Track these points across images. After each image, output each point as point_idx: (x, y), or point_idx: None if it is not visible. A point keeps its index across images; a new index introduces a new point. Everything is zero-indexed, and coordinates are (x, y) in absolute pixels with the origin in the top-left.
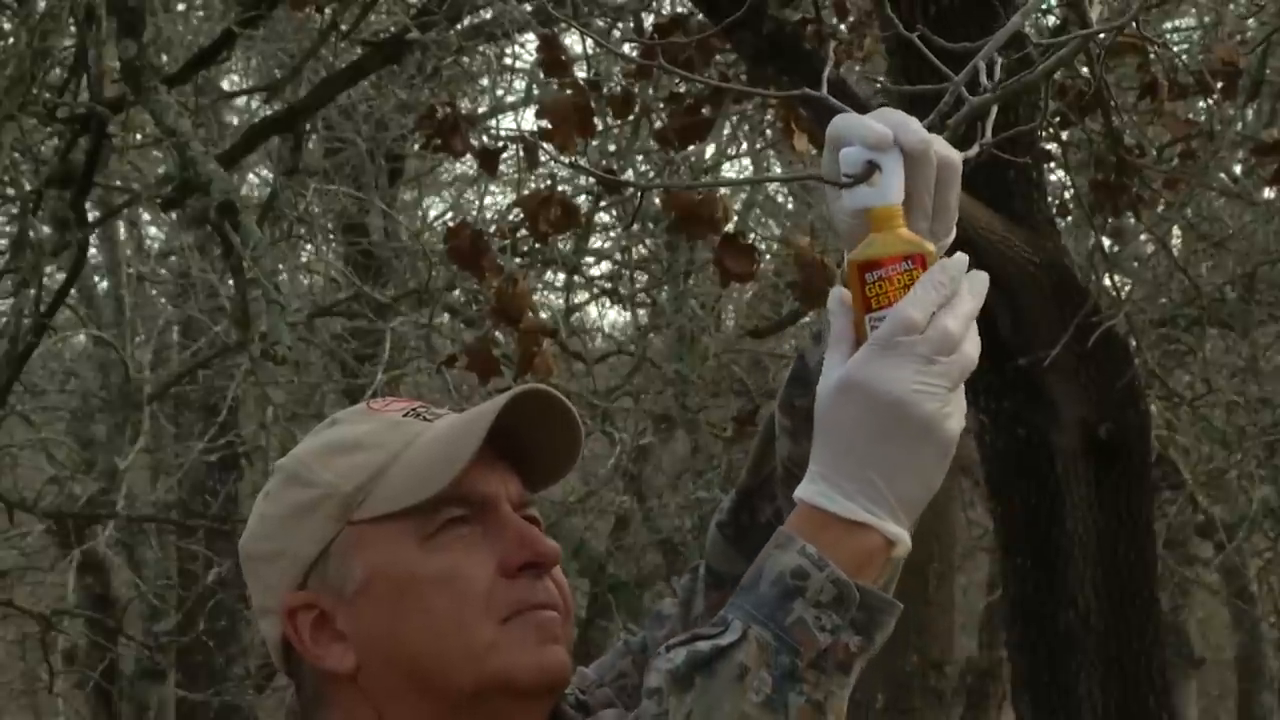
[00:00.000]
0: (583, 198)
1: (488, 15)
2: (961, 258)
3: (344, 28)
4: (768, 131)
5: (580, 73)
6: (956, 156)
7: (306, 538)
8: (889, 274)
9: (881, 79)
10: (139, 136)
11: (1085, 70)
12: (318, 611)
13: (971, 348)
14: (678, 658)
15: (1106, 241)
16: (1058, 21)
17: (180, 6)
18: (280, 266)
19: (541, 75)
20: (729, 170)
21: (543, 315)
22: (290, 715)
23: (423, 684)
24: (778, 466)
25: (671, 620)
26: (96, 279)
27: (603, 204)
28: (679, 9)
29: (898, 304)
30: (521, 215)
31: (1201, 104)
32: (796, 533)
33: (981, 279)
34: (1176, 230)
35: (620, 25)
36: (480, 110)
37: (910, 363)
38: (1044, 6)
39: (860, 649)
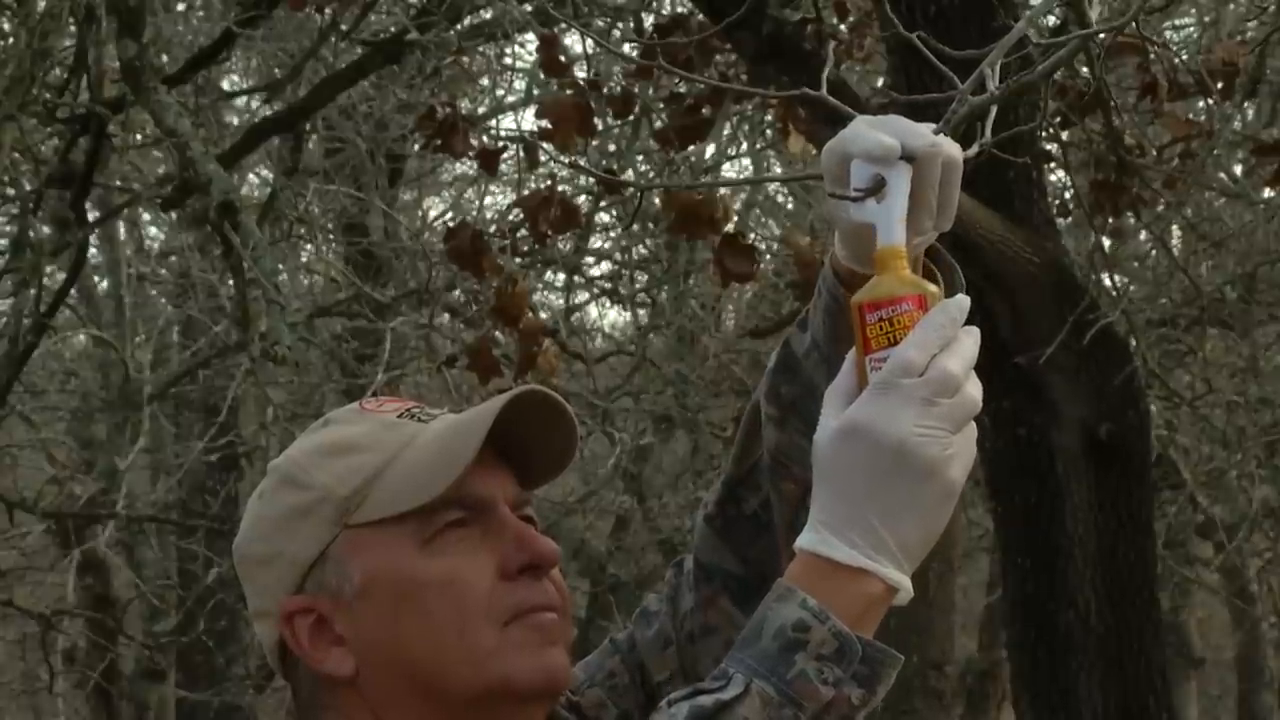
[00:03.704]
0: (583, 198)
1: (488, 15)
2: (963, 300)
3: (344, 28)
4: (768, 131)
5: (580, 73)
6: (959, 153)
7: (303, 541)
8: (890, 315)
9: (882, 80)
10: (139, 136)
11: (1085, 70)
12: (316, 615)
13: (974, 389)
14: (680, 713)
15: (1106, 241)
16: (1058, 21)
17: (180, 6)
18: (280, 266)
19: (541, 75)
20: (729, 170)
21: (543, 315)
22: (289, 717)
23: (423, 688)
24: (764, 456)
25: (659, 617)
26: (96, 279)
27: (603, 204)
28: (679, 9)
29: (898, 346)
30: (521, 215)
31: (1201, 104)
32: (797, 583)
33: (971, 329)
34: (1176, 230)
35: (620, 25)
36: (480, 110)
37: (911, 405)
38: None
39: (863, 701)
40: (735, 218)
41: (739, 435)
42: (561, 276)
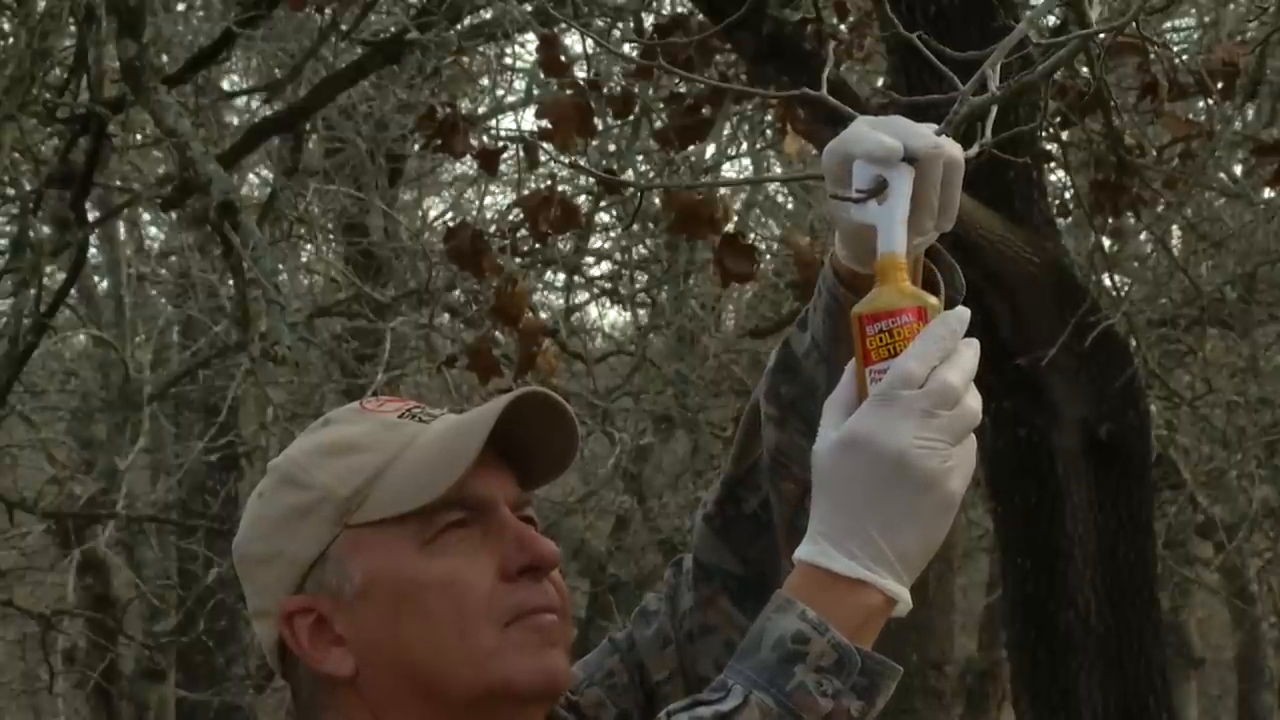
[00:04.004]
0: (583, 198)
1: (488, 15)
2: (963, 312)
3: (344, 28)
4: (768, 131)
5: (580, 73)
6: (960, 154)
7: (303, 541)
8: (890, 327)
9: (882, 80)
10: (139, 136)
11: (1085, 70)
12: (316, 615)
13: (974, 401)
14: None
15: (1106, 241)
16: (1058, 21)
17: (180, 6)
18: (280, 266)
19: (541, 75)
20: (729, 170)
21: (543, 315)
22: (288, 716)
23: (423, 689)
24: (763, 455)
25: (659, 616)
26: (96, 279)
27: (603, 204)
28: (679, 9)
29: (898, 357)
30: (521, 215)
31: (1201, 104)
32: (796, 595)
33: (971, 340)
34: (1176, 230)
35: (620, 25)
36: (480, 110)
37: (911, 417)
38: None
39: (862, 713)
40: (735, 218)
41: (738, 435)
42: (561, 276)
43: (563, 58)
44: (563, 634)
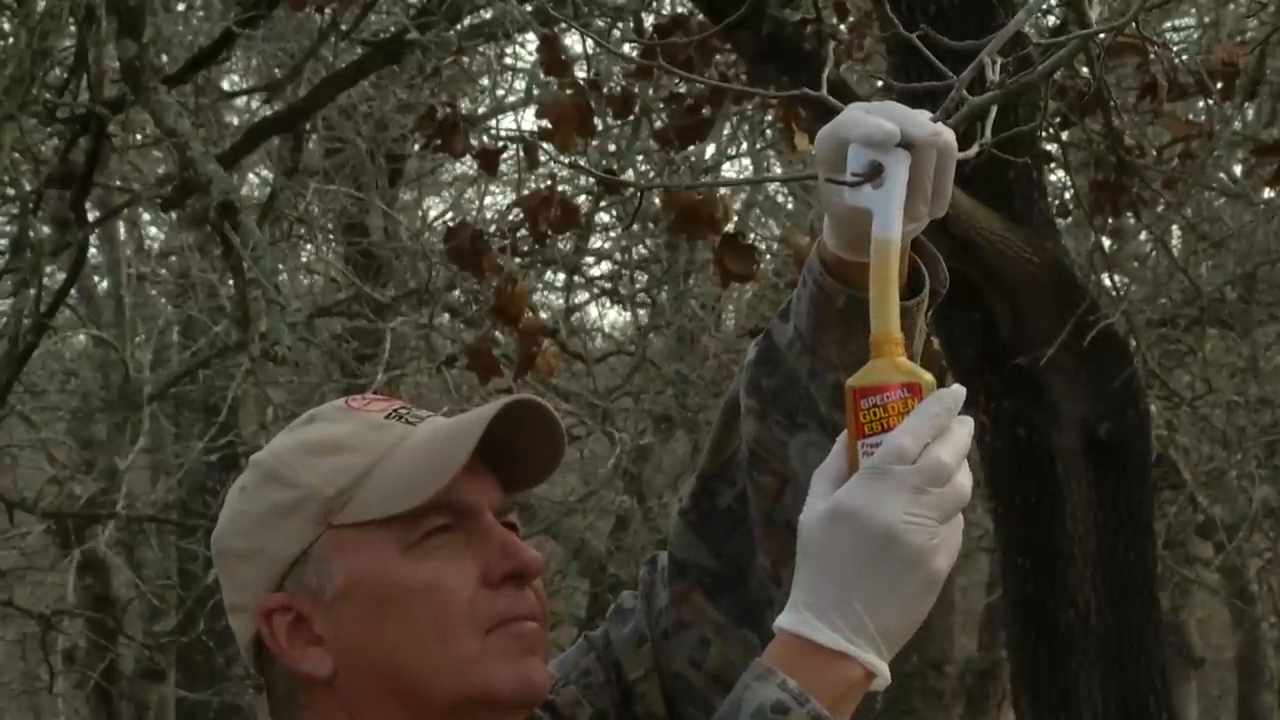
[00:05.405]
0: (583, 198)
1: (488, 15)
2: (958, 390)
3: (344, 28)
4: (768, 131)
5: (580, 73)
6: (954, 140)
7: (285, 539)
8: (884, 401)
9: (881, 79)
10: (139, 136)
11: (1085, 70)
12: (295, 614)
13: (964, 479)
14: None
15: (1106, 241)
16: (1058, 21)
17: (180, 6)
18: (280, 266)
19: (541, 75)
20: (729, 170)
21: (543, 315)
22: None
23: (402, 693)
24: (741, 448)
25: (635, 614)
26: (96, 279)
27: (603, 204)
28: (679, 9)
29: (891, 432)
30: (521, 215)
31: (1201, 104)
32: (776, 664)
33: (964, 418)
34: (1176, 230)
35: (620, 25)
36: (480, 110)
37: (901, 493)
38: (1044, 6)
39: None
40: (735, 218)
41: (715, 428)
42: (561, 276)
43: (563, 58)
44: (543, 642)
